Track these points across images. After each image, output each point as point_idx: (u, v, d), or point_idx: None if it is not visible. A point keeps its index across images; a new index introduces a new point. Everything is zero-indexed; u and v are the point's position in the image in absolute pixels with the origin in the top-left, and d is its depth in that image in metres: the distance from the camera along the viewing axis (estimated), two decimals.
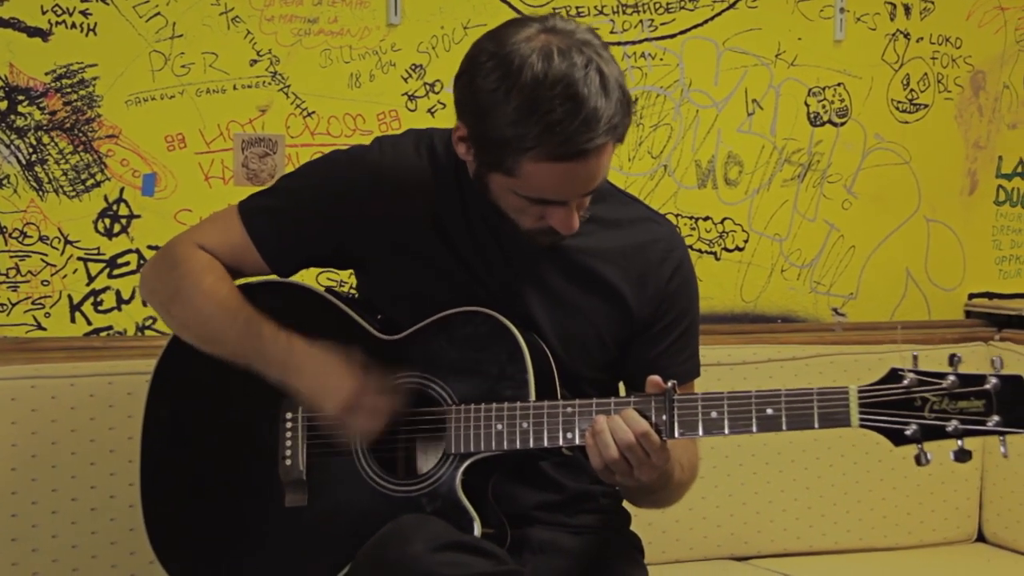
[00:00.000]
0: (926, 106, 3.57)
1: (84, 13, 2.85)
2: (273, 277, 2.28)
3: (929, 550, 3.29)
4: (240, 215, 2.25)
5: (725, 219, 3.41)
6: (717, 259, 3.40)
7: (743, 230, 3.42)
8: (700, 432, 2.00)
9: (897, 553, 3.25)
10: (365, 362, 2.13)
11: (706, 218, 3.39)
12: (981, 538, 3.37)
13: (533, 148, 1.97)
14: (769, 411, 1.98)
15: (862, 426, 1.95)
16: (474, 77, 2.01)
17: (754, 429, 1.99)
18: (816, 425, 1.97)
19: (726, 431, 1.99)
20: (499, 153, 2.01)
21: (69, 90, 2.85)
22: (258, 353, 2.15)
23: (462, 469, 2.09)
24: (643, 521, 2.35)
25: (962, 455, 1.91)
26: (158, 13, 2.90)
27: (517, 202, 2.07)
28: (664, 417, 2.00)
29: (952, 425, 1.92)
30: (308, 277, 2.35)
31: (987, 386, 1.91)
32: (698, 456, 2.28)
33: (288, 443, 2.18)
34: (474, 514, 2.07)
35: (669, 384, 2.01)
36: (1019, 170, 3.70)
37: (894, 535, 3.27)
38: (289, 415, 2.20)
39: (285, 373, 2.14)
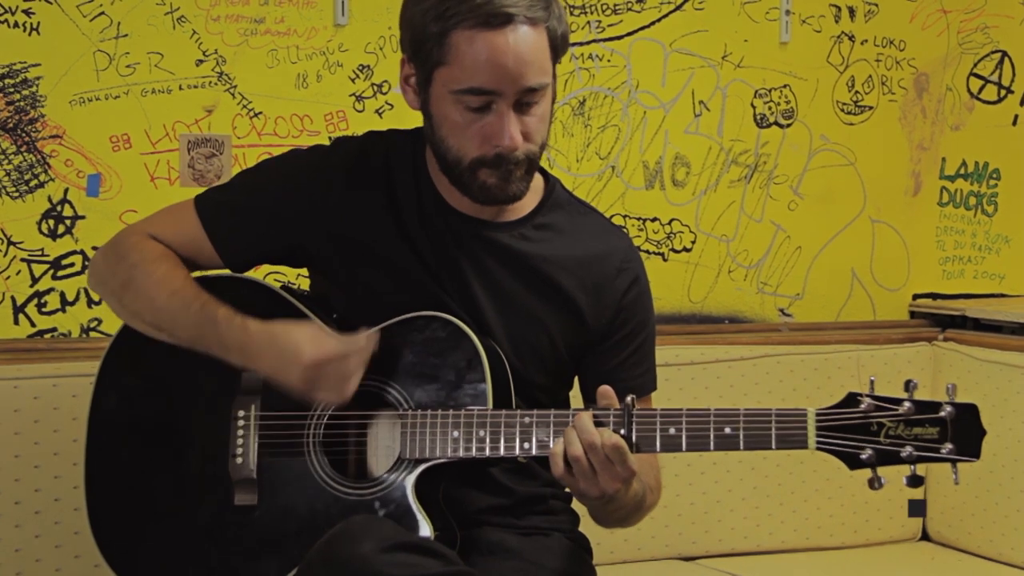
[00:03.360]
0: (871, 108, 3.60)
1: (27, 12, 2.82)
2: (228, 271, 2.27)
3: (875, 549, 3.31)
4: (196, 208, 2.24)
5: (673, 220, 3.42)
6: (665, 260, 3.41)
7: (690, 231, 3.44)
8: (658, 448, 2.01)
9: (843, 552, 3.28)
10: (326, 326, 2.11)
11: (654, 219, 3.40)
12: (925, 536, 3.40)
13: (455, 17, 2.03)
14: (727, 430, 1.99)
15: (819, 449, 1.97)
16: (405, 2, 2.13)
17: (711, 447, 1.99)
18: (773, 447, 1.98)
19: (683, 448, 2.00)
20: (431, 45, 2.06)
21: (12, 90, 2.82)
22: (216, 339, 2.13)
23: (415, 475, 2.08)
24: (591, 522, 2.36)
25: (914, 480, 1.95)
26: (102, 12, 2.87)
27: (459, 114, 2.07)
28: (623, 432, 2.00)
29: (907, 451, 1.94)
30: (258, 275, 2.33)
31: (942, 413, 1.94)
32: (660, 474, 2.28)
33: (239, 441, 2.17)
34: (425, 521, 2.06)
35: (628, 399, 2.01)
36: (962, 171, 3.74)
37: (840, 534, 3.29)
38: (241, 413, 2.18)
39: (245, 356, 2.12)
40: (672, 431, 2.00)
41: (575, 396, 2.30)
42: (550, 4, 2.08)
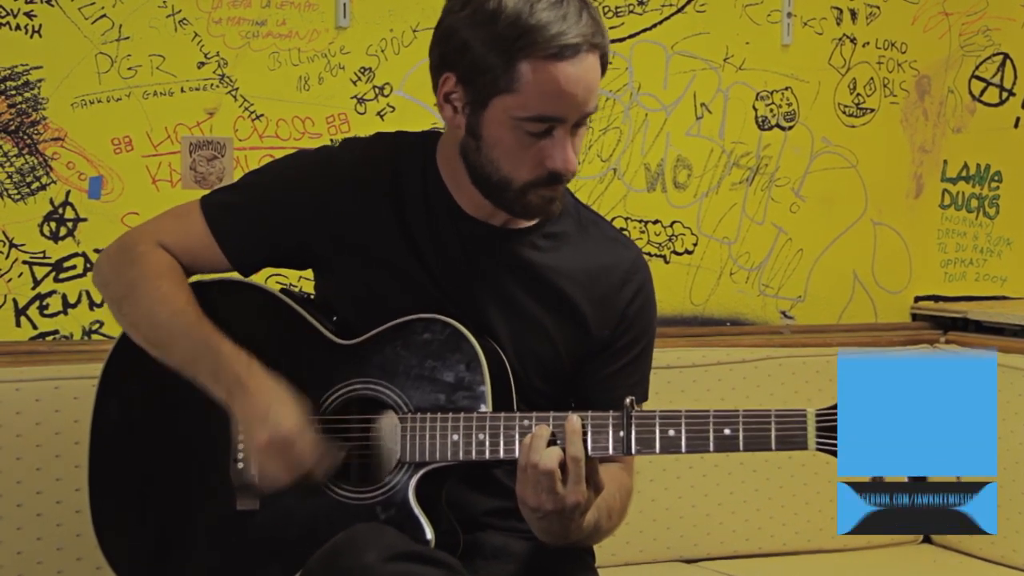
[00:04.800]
0: (872, 110, 3.60)
1: (29, 15, 2.82)
2: (227, 276, 2.27)
3: (877, 551, 3.31)
4: (203, 210, 2.23)
5: (674, 222, 3.42)
6: (666, 262, 3.41)
7: (692, 233, 3.44)
8: (657, 450, 2.01)
9: (845, 554, 3.28)
10: (312, 410, 2.10)
11: (655, 221, 3.40)
12: (927, 539, 3.40)
13: (525, 48, 2.01)
14: (727, 431, 1.99)
15: (819, 450, 1.96)
16: (451, 21, 2.08)
17: (711, 449, 1.99)
18: (773, 447, 1.98)
19: (683, 449, 2.00)
20: (497, 74, 2.03)
21: (14, 92, 2.82)
22: (210, 368, 2.12)
23: (416, 478, 2.08)
24: None
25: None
26: (104, 15, 2.88)
27: (516, 138, 2.06)
28: (621, 434, 2.00)
29: None
30: (259, 279, 2.33)
31: None
32: (630, 495, 2.26)
33: (240, 446, 2.17)
34: (427, 525, 2.06)
35: (628, 400, 2.01)
36: (964, 174, 3.74)
37: (842, 536, 3.25)
38: None
39: (232, 391, 2.10)
40: (671, 432, 2.00)
41: None
42: (601, 26, 2.08)
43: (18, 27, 2.82)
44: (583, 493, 1.98)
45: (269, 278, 2.93)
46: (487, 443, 2.05)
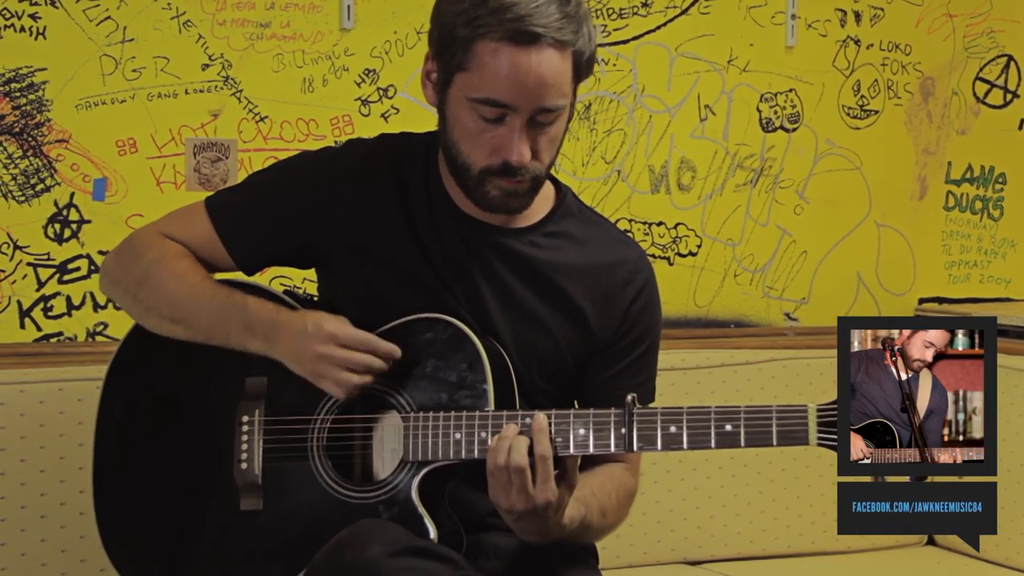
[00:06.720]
0: (876, 112, 3.60)
1: (33, 16, 2.83)
2: (232, 276, 2.27)
3: (881, 553, 3.31)
4: (207, 210, 2.24)
5: (678, 224, 3.42)
6: (670, 264, 3.41)
7: (696, 235, 3.44)
8: (659, 447, 2.01)
9: (849, 556, 3.27)
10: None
11: (659, 223, 3.40)
12: (931, 541, 3.40)
13: (484, 26, 2.01)
14: (728, 427, 2.00)
15: (820, 445, 1.97)
16: (438, 3, 2.11)
17: (712, 445, 2.00)
18: (774, 443, 1.99)
19: (685, 446, 2.00)
20: (456, 48, 2.04)
21: (18, 94, 2.83)
22: (241, 323, 2.14)
23: (419, 477, 2.08)
24: None
25: None
26: (108, 17, 2.88)
27: (472, 120, 2.06)
28: (623, 431, 2.00)
29: None
30: (263, 280, 2.34)
31: None
32: (631, 495, 2.25)
33: (244, 446, 2.17)
34: (430, 523, 2.06)
35: (629, 398, 2.01)
36: (968, 176, 3.74)
37: (845, 538, 3.28)
38: (245, 418, 2.18)
39: (268, 337, 2.12)
40: (673, 429, 2.00)
41: None
42: (582, 26, 2.05)
43: (23, 29, 2.82)
44: (553, 491, 1.98)
45: (273, 280, 2.93)
46: (489, 442, 2.05)
